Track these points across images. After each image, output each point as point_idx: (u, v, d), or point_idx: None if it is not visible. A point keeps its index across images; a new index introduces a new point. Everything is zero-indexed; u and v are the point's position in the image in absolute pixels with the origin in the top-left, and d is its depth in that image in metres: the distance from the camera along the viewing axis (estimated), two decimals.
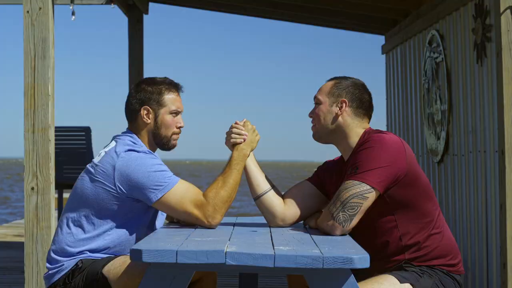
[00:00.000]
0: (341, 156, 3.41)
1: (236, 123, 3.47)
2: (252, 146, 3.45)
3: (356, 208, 3.08)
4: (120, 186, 3.26)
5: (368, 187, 3.08)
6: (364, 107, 3.33)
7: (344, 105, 3.29)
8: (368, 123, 3.35)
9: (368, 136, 3.23)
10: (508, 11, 4.08)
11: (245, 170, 3.43)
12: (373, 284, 3.05)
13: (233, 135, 3.44)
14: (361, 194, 3.08)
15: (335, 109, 3.30)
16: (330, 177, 3.43)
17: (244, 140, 3.43)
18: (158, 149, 3.56)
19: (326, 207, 3.18)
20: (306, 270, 2.62)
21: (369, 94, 3.37)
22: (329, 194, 3.40)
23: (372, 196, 3.09)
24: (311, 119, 3.39)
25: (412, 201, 3.18)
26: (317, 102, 3.35)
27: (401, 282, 3.10)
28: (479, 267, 5.21)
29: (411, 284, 3.11)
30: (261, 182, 3.41)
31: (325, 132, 3.34)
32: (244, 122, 3.48)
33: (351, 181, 3.11)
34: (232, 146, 3.43)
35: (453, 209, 5.78)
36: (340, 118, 3.30)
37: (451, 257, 3.23)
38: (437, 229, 3.23)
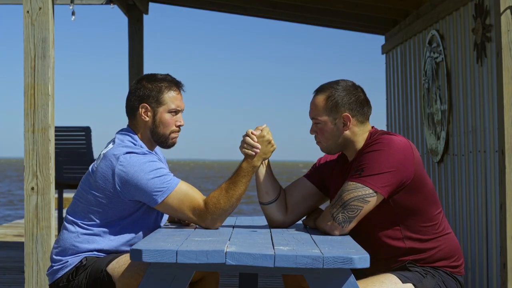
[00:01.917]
0: (343, 153, 3.38)
1: (252, 133, 3.32)
2: (265, 157, 3.33)
3: (356, 211, 3.06)
4: (121, 190, 3.26)
5: (371, 191, 3.06)
6: (365, 110, 3.25)
7: (348, 121, 3.21)
8: (369, 121, 3.31)
9: (377, 137, 3.18)
10: (508, 11, 4.08)
11: (256, 175, 3.36)
12: (374, 283, 3.05)
13: (245, 145, 3.32)
14: (363, 197, 3.06)
15: (340, 125, 3.22)
16: (329, 172, 3.40)
17: (256, 154, 3.30)
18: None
19: (327, 207, 3.17)
20: (306, 270, 2.62)
21: (363, 91, 3.28)
22: (329, 190, 3.39)
23: (374, 200, 3.07)
24: (314, 136, 3.30)
25: (416, 206, 3.16)
26: (317, 122, 3.25)
27: (403, 282, 3.09)
28: (479, 267, 5.21)
29: (413, 284, 3.10)
30: (270, 190, 3.37)
31: (334, 146, 3.27)
32: (262, 130, 3.32)
33: (354, 183, 3.08)
34: (245, 154, 3.32)
35: (453, 209, 5.78)
36: (346, 132, 3.23)
37: (454, 259, 3.22)
38: (441, 232, 3.22)
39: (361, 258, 2.59)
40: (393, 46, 7.62)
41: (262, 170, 3.38)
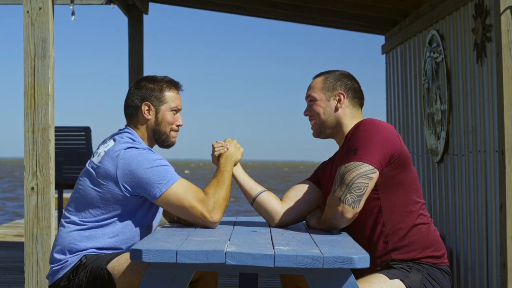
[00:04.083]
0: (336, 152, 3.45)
1: (216, 142, 3.55)
2: (236, 156, 3.51)
3: (363, 188, 3.09)
4: (124, 184, 3.28)
5: (371, 167, 3.11)
6: (358, 95, 3.41)
7: (342, 97, 3.36)
8: (361, 111, 3.42)
9: (359, 122, 3.29)
10: (508, 11, 4.08)
11: (235, 179, 3.49)
12: (363, 284, 3.06)
13: (216, 148, 3.52)
14: (365, 174, 3.10)
15: (333, 102, 3.37)
16: (323, 170, 3.48)
17: (227, 149, 3.51)
18: (156, 147, 3.57)
19: (330, 194, 3.17)
20: (306, 270, 2.62)
21: (358, 83, 3.45)
22: (322, 184, 3.43)
23: (375, 176, 3.12)
24: (308, 117, 3.44)
25: (399, 186, 3.21)
26: (312, 100, 3.40)
27: (390, 278, 3.12)
28: (479, 267, 5.21)
29: (400, 280, 3.13)
30: (253, 186, 3.46)
31: (326, 126, 3.39)
32: (225, 139, 3.56)
33: (352, 162, 3.13)
34: (217, 158, 3.50)
35: (453, 209, 5.78)
36: (340, 111, 3.36)
37: (434, 248, 3.26)
38: (420, 220, 3.26)
39: (361, 258, 2.60)
40: (393, 46, 7.62)
41: (240, 173, 3.50)
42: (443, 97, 5.94)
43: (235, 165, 3.50)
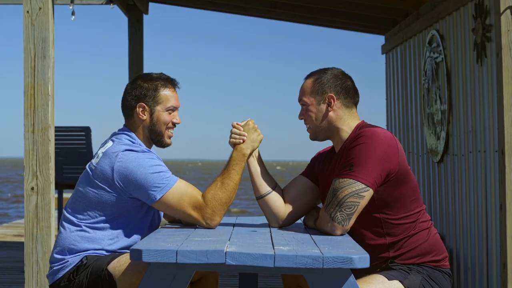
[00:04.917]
0: (333, 146, 3.42)
1: (237, 124, 3.44)
2: (253, 146, 3.41)
3: (353, 207, 3.07)
4: (121, 187, 3.26)
5: (364, 185, 3.08)
6: (351, 94, 3.32)
7: (332, 101, 3.28)
8: (356, 109, 3.35)
9: (360, 131, 3.22)
10: (508, 11, 4.08)
11: (249, 170, 3.42)
12: (362, 285, 3.06)
13: (232, 135, 3.42)
14: (357, 193, 3.07)
15: (324, 106, 3.30)
16: (319, 165, 3.45)
17: (244, 141, 3.40)
18: (154, 147, 3.56)
19: (323, 207, 3.17)
20: (306, 270, 2.62)
21: (351, 79, 3.36)
22: (319, 183, 3.41)
23: (368, 194, 3.09)
24: (303, 121, 3.38)
25: (398, 200, 3.19)
26: (304, 104, 3.34)
27: (389, 279, 3.12)
28: (479, 267, 5.21)
29: (399, 281, 3.12)
30: (263, 183, 3.40)
31: (320, 130, 3.34)
32: (245, 122, 3.45)
33: (346, 179, 3.10)
34: (233, 145, 3.42)
35: (453, 209, 5.78)
36: (331, 114, 3.30)
37: (434, 253, 3.25)
38: (420, 227, 3.24)
39: (361, 258, 2.60)
40: (393, 46, 7.62)
41: (254, 164, 3.42)
42: (443, 97, 5.94)
43: (251, 153, 3.40)
